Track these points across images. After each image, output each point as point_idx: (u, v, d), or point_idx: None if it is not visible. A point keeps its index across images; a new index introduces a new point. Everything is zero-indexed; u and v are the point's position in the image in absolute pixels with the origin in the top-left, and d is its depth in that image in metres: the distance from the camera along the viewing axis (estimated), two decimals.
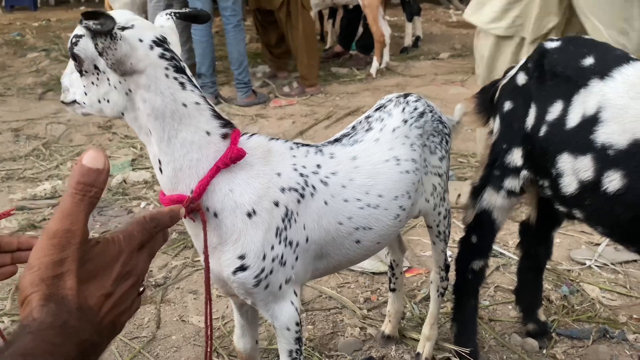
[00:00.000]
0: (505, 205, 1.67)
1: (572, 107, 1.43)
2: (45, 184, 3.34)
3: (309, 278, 1.43)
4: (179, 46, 1.17)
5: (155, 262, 2.56)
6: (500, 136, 1.63)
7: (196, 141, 1.14)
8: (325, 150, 1.41)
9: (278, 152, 1.29)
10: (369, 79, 5.48)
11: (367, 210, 1.40)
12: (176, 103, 1.11)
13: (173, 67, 1.10)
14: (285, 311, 1.32)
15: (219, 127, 1.17)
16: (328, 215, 1.33)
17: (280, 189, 1.25)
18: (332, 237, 1.36)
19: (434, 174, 1.61)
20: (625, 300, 2.26)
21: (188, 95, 1.12)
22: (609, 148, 1.35)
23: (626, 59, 1.41)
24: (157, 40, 1.09)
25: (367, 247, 1.46)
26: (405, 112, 1.54)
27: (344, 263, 1.49)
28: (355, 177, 1.39)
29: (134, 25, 1.08)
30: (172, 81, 1.10)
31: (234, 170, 1.19)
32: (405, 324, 2.11)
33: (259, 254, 1.22)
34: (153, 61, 1.08)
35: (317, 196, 1.31)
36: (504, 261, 2.52)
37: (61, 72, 5.81)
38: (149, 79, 1.08)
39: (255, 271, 1.23)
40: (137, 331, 2.12)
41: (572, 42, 1.54)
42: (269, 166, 1.25)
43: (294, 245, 1.28)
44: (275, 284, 1.27)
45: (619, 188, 1.33)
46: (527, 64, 1.60)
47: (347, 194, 1.37)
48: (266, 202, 1.22)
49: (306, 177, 1.30)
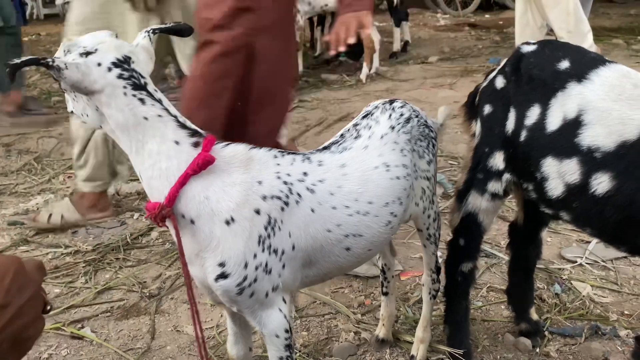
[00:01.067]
0: (490, 207, 1.69)
1: (550, 110, 1.45)
2: (38, 198, 3.34)
3: (299, 286, 1.44)
4: (149, 62, 1.24)
5: (149, 272, 2.56)
6: (482, 139, 1.66)
7: (164, 151, 1.20)
8: (313, 158, 1.42)
9: (260, 160, 1.31)
10: (359, 85, 5.51)
11: (357, 217, 1.41)
12: (136, 117, 1.19)
13: (131, 85, 1.18)
14: (273, 318, 1.33)
15: (188, 136, 1.22)
16: (315, 223, 1.34)
17: (262, 197, 1.26)
18: (320, 245, 1.37)
19: (423, 177, 1.62)
20: (616, 297, 2.28)
21: (149, 110, 1.19)
22: (596, 151, 1.37)
23: (602, 61, 1.44)
24: (117, 61, 1.18)
25: (357, 255, 1.46)
26: (392, 118, 1.56)
27: (335, 271, 1.50)
28: (344, 184, 1.40)
29: (97, 49, 1.18)
30: (131, 98, 1.18)
31: (210, 178, 1.22)
32: (399, 327, 2.12)
33: (240, 262, 1.24)
34: (110, 81, 1.17)
35: (303, 204, 1.32)
36: (496, 261, 2.54)
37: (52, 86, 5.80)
38: (108, 98, 1.18)
39: (237, 279, 1.25)
40: (132, 342, 2.12)
41: (548, 46, 1.56)
42: (249, 174, 1.27)
43: (279, 253, 1.29)
44: (261, 292, 1.28)
45: (608, 190, 1.35)
46: (504, 68, 1.63)
47: (336, 202, 1.38)
48: (246, 210, 1.24)
49: (290, 185, 1.31)
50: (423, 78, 5.62)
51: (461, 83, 5.30)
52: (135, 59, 1.20)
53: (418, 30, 8.11)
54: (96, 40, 1.19)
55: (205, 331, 2.15)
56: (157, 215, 1.20)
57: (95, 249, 2.76)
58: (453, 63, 6.14)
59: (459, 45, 7.07)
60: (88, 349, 2.09)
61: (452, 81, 5.36)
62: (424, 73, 5.82)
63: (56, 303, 2.36)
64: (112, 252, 2.73)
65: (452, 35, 7.77)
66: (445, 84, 5.31)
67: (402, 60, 6.41)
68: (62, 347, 2.10)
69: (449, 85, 5.28)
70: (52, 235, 2.92)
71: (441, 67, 6.02)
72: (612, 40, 6.63)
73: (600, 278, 2.41)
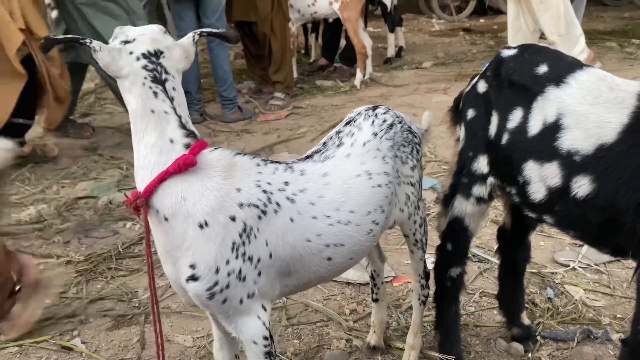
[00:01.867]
0: (475, 211, 1.69)
1: (531, 114, 1.46)
2: (31, 208, 3.33)
3: (279, 294, 1.43)
4: (182, 61, 1.30)
5: (140, 282, 2.55)
6: (466, 144, 1.66)
7: (158, 145, 1.24)
8: (296, 167, 1.42)
9: (242, 168, 1.31)
10: (354, 91, 5.52)
11: (338, 227, 1.40)
12: (145, 108, 1.25)
13: (151, 78, 1.25)
14: (249, 325, 1.33)
15: (183, 136, 1.26)
16: (294, 233, 1.34)
17: (239, 204, 1.27)
18: (299, 254, 1.37)
19: (407, 183, 1.62)
20: (608, 300, 2.27)
21: (158, 104, 1.25)
22: (575, 154, 1.37)
23: (579, 65, 1.44)
24: (147, 53, 1.25)
25: (339, 264, 1.46)
26: (374, 125, 1.56)
27: (315, 280, 1.49)
28: (325, 193, 1.40)
29: (135, 39, 1.26)
30: (147, 89, 1.25)
31: (191, 180, 1.25)
32: (391, 334, 2.11)
33: (211, 267, 1.25)
34: (135, 69, 1.25)
35: (282, 213, 1.33)
36: (489, 266, 2.54)
37: None
38: (130, 84, 1.26)
39: (207, 283, 1.25)
40: (122, 353, 2.10)
41: (527, 50, 1.57)
42: (229, 180, 1.28)
43: (254, 261, 1.29)
44: (234, 299, 1.29)
45: (589, 193, 1.35)
46: (486, 72, 1.63)
47: (316, 211, 1.38)
48: (221, 216, 1.25)
49: (270, 194, 1.32)
50: (417, 83, 5.62)
51: (455, 88, 5.30)
52: (168, 54, 1.27)
53: (412, 36, 8.12)
54: (140, 31, 1.28)
55: (196, 340, 2.15)
56: (132, 203, 1.26)
57: (88, 259, 2.75)
58: (447, 68, 6.14)
59: (454, 50, 7.08)
60: None
61: (447, 86, 5.37)
62: (418, 78, 5.83)
63: (47, 314, 2.35)
64: (104, 261, 2.73)
65: (446, 40, 7.78)
66: (439, 89, 5.32)
67: (396, 65, 6.42)
68: (52, 359, 2.09)
69: (443, 90, 5.28)
70: (45, 246, 2.92)
71: (435, 72, 6.03)
72: (606, 43, 6.65)
73: (593, 282, 2.40)
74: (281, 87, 5.23)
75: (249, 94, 5.58)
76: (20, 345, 2.15)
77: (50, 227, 3.08)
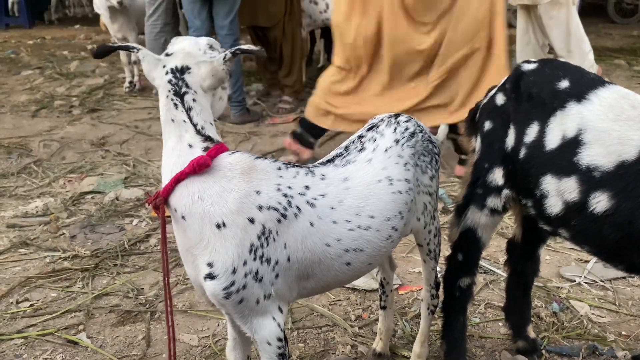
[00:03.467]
0: (489, 223, 1.69)
1: (549, 129, 1.46)
2: (37, 201, 3.34)
3: (296, 296, 1.44)
4: (208, 79, 1.35)
5: (146, 279, 2.56)
6: (482, 155, 1.66)
7: (177, 149, 1.31)
8: (317, 171, 1.43)
9: (263, 171, 1.32)
10: None
11: (358, 232, 1.41)
12: (167, 117, 1.33)
13: (173, 92, 1.33)
14: (265, 325, 1.34)
15: (201, 141, 1.31)
16: (314, 237, 1.35)
17: (258, 207, 1.28)
18: (318, 259, 1.37)
19: (425, 192, 1.63)
20: (614, 317, 2.27)
21: (177, 114, 1.33)
22: (595, 170, 1.37)
23: (601, 82, 1.45)
24: (175, 68, 1.33)
25: (357, 269, 1.46)
26: (397, 132, 1.57)
27: (333, 284, 1.50)
28: (346, 198, 1.40)
29: (172, 54, 1.36)
30: (169, 101, 1.33)
31: (209, 181, 1.28)
32: (396, 342, 2.11)
33: (228, 267, 1.26)
34: (163, 83, 1.34)
35: (302, 217, 1.33)
36: (494, 278, 2.54)
37: (55, 89, 5.83)
38: (160, 94, 1.36)
39: (223, 282, 1.27)
40: (128, 349, 2.11)
41: (548, 65, 1.58)
42: (248, 183, 1.29)
43: (272, 263, 1.30)
44: (251, 299, 1.30)
45: (607, 209, 1.36)
46: (505, 85, 1.64)
47: (336, 216, 1.38)
48: (239, 218, 1.26)
49: (290, 198, 1.33)
50: None
51: None
52: (194, 70, 1.33)
53: None
54: (182, 45, 1.37)
55: (201, 340, 2.15)
56: (152, 202, 1.31)
57: (94, 254, 2.75)
58: None
59: None
60: (83, 354, 2.08)
61: None
62: None
63: (53, 307, 2.36)
64: (110, 257, 2.73)
65: None
66: None
67: None
68: (57, 352, 2.09)
69: None
70: (51, 239, 2.92)
71: None
72: (614, 60, 6.68)
73: (598, 298, 2.40)
74: (290, 91, 5.26)
75: (258, 97, 5.59)
76: (26, 337, 2.16)
77: (57, 221, 3.09)
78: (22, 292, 2.46)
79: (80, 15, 13.07)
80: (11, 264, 2.70)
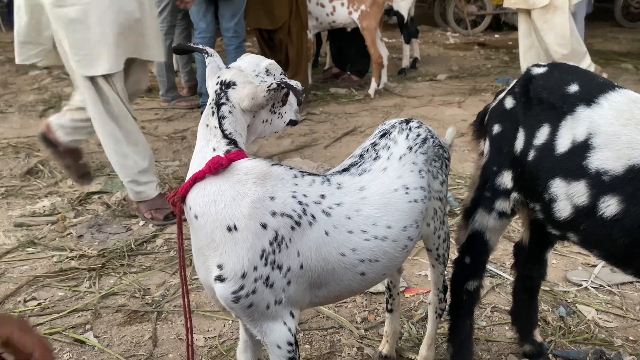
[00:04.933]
0: (497, 226, 1.69)
1: (559, 132, 1.46)
2: (45, 200, 3.36)
3: (308, 303, 1.44)
4: (246, 100, 1.36)
5: (153, 279, 2.57)
6: (490, 158, 1.66)
7: (202, 152, 1.34)
8: (333, 180, 1.42)
9: (278, 177, 1.32)
10: (367, 100, 5.54)
11: (374, 242, 1.40)
12: (203, 121, 1.38)
13: (215, 100, 1.37)
14: (275, 330, 1.34)
15: (225, 145, 1.33)
16: (328, 246, 1.34)
17: (271, 213, 1.28)
18: (332, 268, 1.37)
19: (436, 198, 1.63)
20: (621, 322, 2.27)
21: (212, 120, 1.36)
22: (604, 174, 1.37)
23: (611, 86, 1.45)
24: (224, 81, 1.38)
25: (371, 279, 1.46)
26: (409, 138, 1.56)
27: (346, 293, 1.49)
28: (362, 208, 1.40)
29: (230, 67, 1.41)
30: (209, 107, 1.38)
31: (225, 185, 1.29)
32: (402, 344, 2.11)
33: (237, 270, 1.26)
34: (212, 91, 1.39)
35: (317, 226, 1.33)
36: (501, 281, 2.54)
37: (63, 89, 5.85)
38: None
39: (232, 286, 1.27)
40: (134, 349, 2.11)
41: (558, 69, 1.57)
42: (263, 188, 1.29)
43: (284, 270, 1.30)
44: (260, 304, 1.29)
45: (617, 213, 1.35)
46: (514, 89, 1.64)
47: (352, 226, 1.37)
48: (251, 222, 1.26)
49: (305, 206, 1.32)
50: (431, 95, 5.64)
51: (469, 102, 5.32)
52: (239, 88, 1.36)
53: (427, 48, 8.15)
54: (241, 62, 1.43)
55: (207, 340, 2.15)
56: (171, 198, 1.34)
57: (101, 254, 2.76)
58: (462, 81, 6.16)
59: (468, 64, 7.10)
60: (90, 353, 2.09)
61: (461, 99, 5.38)
62: (433, 90, 5.84)
63: (60, 306, 2.37)
64: (117, 257, 2.74)
65: (461, 53, 7.81)
66: (453, 102, 5.33)
67: (410, 76, 6.44)
68: (64, 351, 2.10)
69: (457, 103, 5.30)
70: (58, 239, 2.94)
71: (450, 85, 6.05)
72: (621, 64, 6.65)
73: (605, 302, 2.39)
74: None
75: None
76: None
77: (64, 221, 3.10)
78: (30, 291, 2.48)
79: None
80: (19, 262, 2.71)
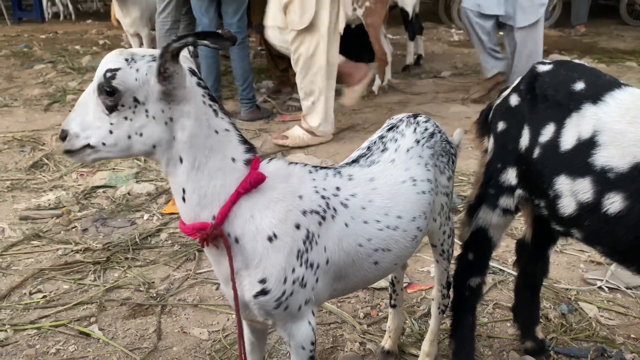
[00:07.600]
0: (500, 223, 1.70)
1: (565, 130, 1.46)
2: (49, 194, 3.38)
3: (326, 298, 1.45)
4: None
5: (157, 273, 2.58)
6: (495, 155, 1.67)
7: (222, 168, 1.18)
8: (344, 172, 1.43)
9: (298, 176, 1.31)
10: (371, 96, 5.54)
11: (387, 232, 1.41)
12: (210, 129, 1.16)
13: (208, 95, 1.18)
14: (302, 330, 1.34)
15: (244, 152, 1.22)
16: (348, 237, 1.35)
17: (302, 212, 1.27)
18: (351, 259, 1.38)
19: (443, 193, 1.64)
20: (623, 320, 2.27)
21: (219, 123, 1.19)
22: (609, 171, 1.38)
23: (617, 84, 1.45)
24: (192, 70, 1.16)
25: (384, 269, 1.47)
26: (416, 132, 1.57)
27: (361, 284, 1.51)
28: (375, 198, 1.41)
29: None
30: (208, 108, 1.17)
31: (255, 195, 1.22)
32: (405, 340, 2.12)
33: (281, 278, 1.24)
34: (194, 89, 1.15)
35: (338, 218, 1.33)
36: (503, 278, 2.54)
37: (67, 84, 5.87)
38: (191, 106, 1.14)
39: (276, 294, 1.25)
40: (139, 342, 2.13)
41: (564, 66, 1.58)
42: (290, 189, 1.27)
43: (314, 267, 1.30)
44: (294, 305, 1.29)
45: (621, 210, 1.36)
46: (519, 86, 1.64)
47: (367, 216, 1.38)
48: (287, 226, 1.24)
49: (327, 200, 1.32)
50: (435, 92, 5.64)
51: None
52: None
53: (432, 45, 8.14)
54: None
55: (211, 334, 2.17)
56: (210, 236, 1.17)
57: (105, 248, 2.78)
58: (466, 79, 6.16)
59: (472, 61, 7.08)
60: (95, 346, 2.11)
61: (464, 97, 5.38)
62: (437, 87, 5.84)
63: (65, 299, 2.39)
64: (122, 251, 2.76)
65: (465, 51, 7.79)
66: (457, 99, 5.33)
67: (414, 73, 6.44)
68: (69, 343, 2.12)
69: (461, 100, 5.30)
70: (63, 232, 2.96)
71: (453, 82, 6.04)
72: (626, 62, 6.63)
73: (607, 300, 2.40)
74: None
75: (268, 94, 5.61)
76: (39, 328, 2.19)
77: (69, 214, 3.12)
78: (35, 283, 2.50)
79: (92, 10, 13.15)
80: (24, 255, 2.73)
